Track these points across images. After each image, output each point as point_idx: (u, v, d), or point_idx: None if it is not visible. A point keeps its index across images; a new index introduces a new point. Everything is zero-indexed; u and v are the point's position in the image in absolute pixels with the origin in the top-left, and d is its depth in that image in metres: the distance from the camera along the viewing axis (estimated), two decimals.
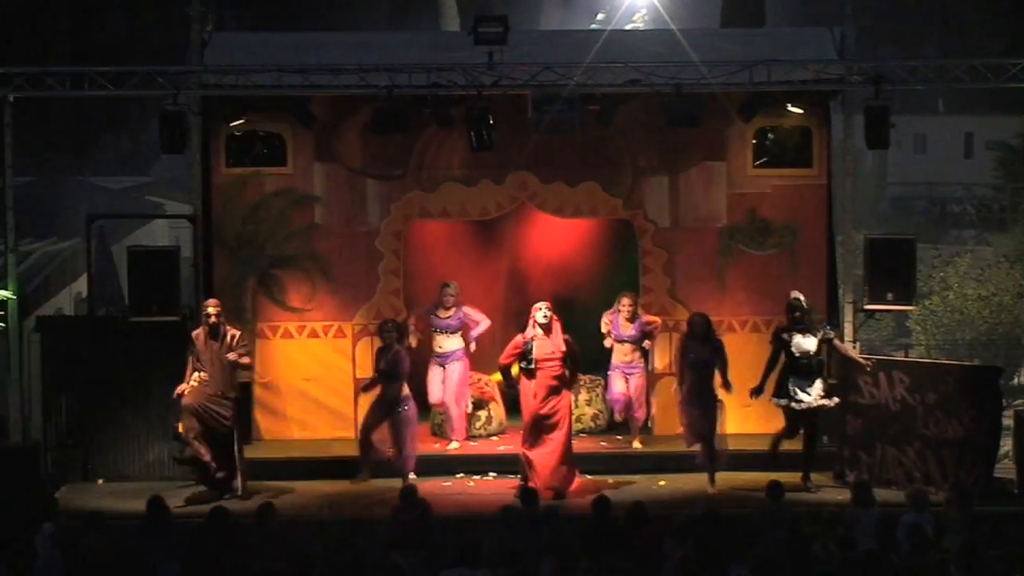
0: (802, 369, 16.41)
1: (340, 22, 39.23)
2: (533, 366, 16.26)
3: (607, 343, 17.75)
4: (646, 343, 17.76)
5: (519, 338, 16.43)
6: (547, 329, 16.32)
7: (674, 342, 17.76)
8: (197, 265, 17.88)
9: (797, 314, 16.48)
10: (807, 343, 16.44)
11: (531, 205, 18.24)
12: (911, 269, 17.71)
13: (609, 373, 17.77)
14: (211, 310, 16.35)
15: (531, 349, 16.27)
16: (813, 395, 16.42)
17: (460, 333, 17.77)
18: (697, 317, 16.73)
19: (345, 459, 17.07)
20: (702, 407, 16.49)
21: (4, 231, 17.39)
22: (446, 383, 17.69)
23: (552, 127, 16.74)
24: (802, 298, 16.60)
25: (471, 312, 17.79)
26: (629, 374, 17.66)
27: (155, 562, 13.16)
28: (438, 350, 17.72)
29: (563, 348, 16.32)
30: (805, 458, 16.58)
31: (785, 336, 16.48)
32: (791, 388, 16.41)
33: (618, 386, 17.64)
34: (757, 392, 16.47)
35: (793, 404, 16.45)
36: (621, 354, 17.69)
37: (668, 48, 17.51)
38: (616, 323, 17.67)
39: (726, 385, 16.48)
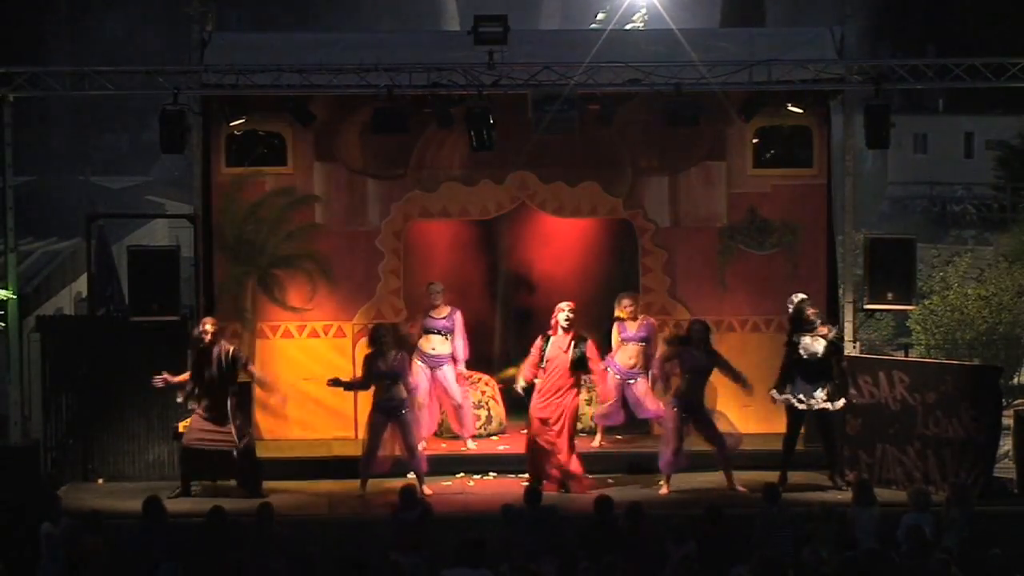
0: (808, 370, 16.42)
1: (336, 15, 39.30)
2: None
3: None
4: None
5: (539, 342, 16.55)
6: (567, 331, 16.46)
7: None
8: (197, 265, 17.87)
9: (808, 314, 16.52)
10: (816, 345, 16.47)
11: (531, 205, 18.22)
12: (911, 269, 17.72)
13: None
14: (208, 327, 16.36)
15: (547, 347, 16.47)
16: (817, 398, 16.43)
17: (449, 339, 17.73)
18: (698, 324, 16.74)
19: (345, 459, 17.08)
20: (696, 414, 16.47)
21: (4, 231, 17.39)
22: (448, 386, 17.69)
23: (552, 127, 16.72)
24: (807, 300, 16.64)
25: (459, 321, 17.78)
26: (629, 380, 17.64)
27: (154, 562, 13.16)
28: (430, 352, 17.64)
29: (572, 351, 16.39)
30: (828, 459, 16.63)
31: (794, 338, 16.53)
32: (795, 387, 16.45)
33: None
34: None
35: (795, 403, 16.50)
36: (626, 356, 17.68)
37: (668, 48, 17.50)
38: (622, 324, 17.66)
39: (745, 384, 16.55)
